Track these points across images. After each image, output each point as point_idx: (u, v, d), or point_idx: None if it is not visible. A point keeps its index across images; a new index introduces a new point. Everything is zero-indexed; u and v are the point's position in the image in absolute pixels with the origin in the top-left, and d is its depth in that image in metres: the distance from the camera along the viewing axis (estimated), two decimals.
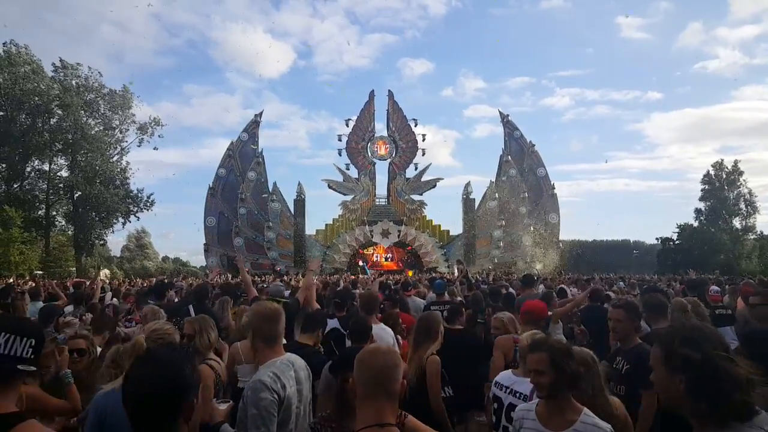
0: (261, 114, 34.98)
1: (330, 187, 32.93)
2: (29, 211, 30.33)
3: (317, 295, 5.91)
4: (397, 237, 31.63)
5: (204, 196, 32.72)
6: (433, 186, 33.68)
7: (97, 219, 33.02)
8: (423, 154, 33.53)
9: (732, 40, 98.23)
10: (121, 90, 33.77)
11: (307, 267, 6.16)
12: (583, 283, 10.25)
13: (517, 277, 15.32)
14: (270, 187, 32.84)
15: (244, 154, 33.33)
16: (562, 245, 33.13)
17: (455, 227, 34.12)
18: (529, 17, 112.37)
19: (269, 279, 17.68)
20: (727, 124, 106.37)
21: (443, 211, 61.14)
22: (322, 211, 70.89)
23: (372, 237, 31.73)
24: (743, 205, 42.42)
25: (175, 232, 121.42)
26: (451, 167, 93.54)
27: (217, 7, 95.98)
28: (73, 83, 31.93)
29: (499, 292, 7.00)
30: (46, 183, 32.48)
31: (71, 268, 32.17)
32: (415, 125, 33.93)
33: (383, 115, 34.20)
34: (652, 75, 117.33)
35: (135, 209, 35.11)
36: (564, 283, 11.37)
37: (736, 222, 42.21)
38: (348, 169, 32.95)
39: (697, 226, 41.43)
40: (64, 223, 34.80)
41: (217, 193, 32.50)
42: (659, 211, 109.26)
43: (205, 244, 32.07)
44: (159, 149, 38.75)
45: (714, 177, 42.98)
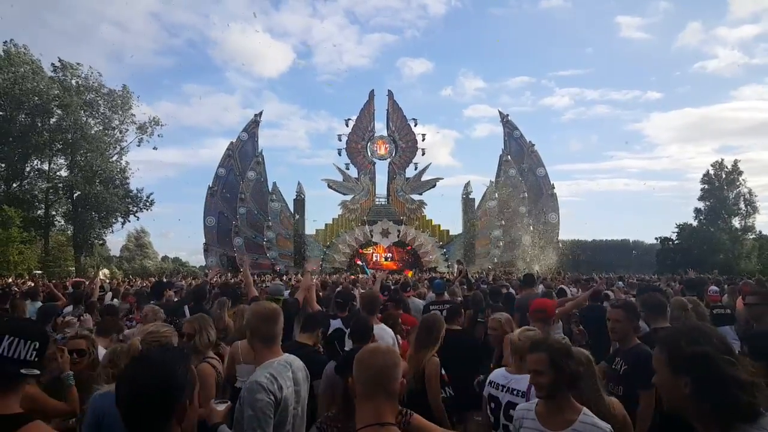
0: (261, 114, 35.06)
1: (330, 186, 32.90)
2: (28, 210, 30.25)
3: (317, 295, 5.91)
4: (397, 237, 31.61)
5: (203, 195, 32.78)
6: (433, 186, 33.65)
7: (96, 219, 32.99)
8: (423, 154, 33.56)
9: (731, 39, 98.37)
10: (121, 90, 33.77)
11: (304, 269, 6.16)
12: (583, 283, 10.21)
13: (516, 276, 15.31)
14: (270, 187, 32.84)
15: (244, 153, 33.31)
16: (561, 245, 33.15)
17: (455, 227, 34.21)
18: (529, 17, 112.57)
19: (269, 278, 17.68)
20: (726, 123, 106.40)
21: (443, 210, 61.31)
22: (322, 211, 71.08)
23: (372, 237, 31.71)
24: (743, 204, 42.42)
25: (174, 231, 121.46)
26: (450, 167, 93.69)
27: (217, 7, 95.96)
28: (72, 83, 31.86)
29: (499, 292, 7.00)
30: (45, 183, 32.39)
31: (70, 268, 32.11)
32: (415, 125, 33.94)
33: (383, 114, 34.24)
34: (651, 75, 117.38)
35: (134, 209, 35.10)
36: (563, 283, 11.34)
37: (736, 222, 42.20)
38: (348, 169, 32.95)
39: (696, 226, 41.37)
40: (63, 223, 34.76)
41: (217, 193, 32.49)
42: (658, 210, 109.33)
43: (204, 244, 32.10)
44: (158, 149, 38.74)
45: (714, 177, 42.92)
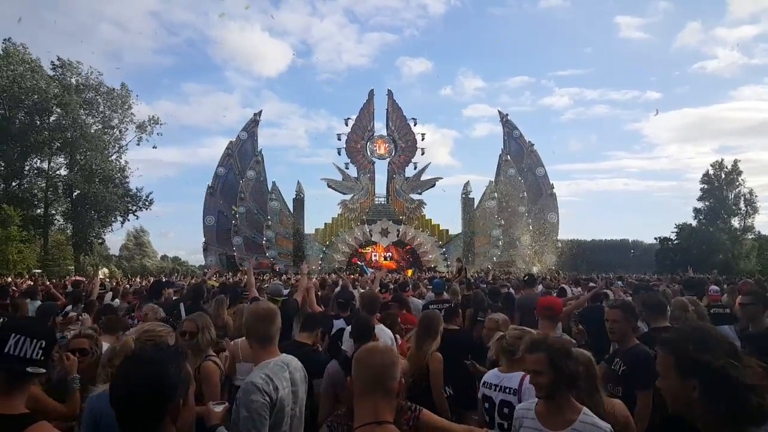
0: (260, 113, 35.10)
1: (329, 186, 32.90)
2: (28, 209, 30.20)
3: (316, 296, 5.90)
4: (396, 236, 31.62)
5: (203, 195, 32.78)
6: (432, 185, 33.69)
7: (95, 218, 32.96)
8: (422, 154, 33.61)
9: (731, 40, 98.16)
10: (120, 89, 33.75)
11: (300, 271, 6.15)
12: (583, 283, 10.21)
13: (516, 276, 15.33)
14: (269, 186, 32.83)
15: (243, 153, 33.31)
16: (560, 245, 33.18)
17: (454, 226, 34.27)
18: (529, 17, 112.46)
19: (268, 278, 17.68)
20: (725, 124, 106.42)
21: (442, 210, 61.39)
22: (322, 210, 71.03)
23: (371, 236, 31.72)
24: (742, 204, 42.48)
25: (174, 231, 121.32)
26: (450, 166, 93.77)
27: (217, 7, 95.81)
28: (72, 81, 31.82)
29: (498, 292, 7.00)
30: (44, 181, 32.37)
31: (70, 267, 32.07)
32: (415, 124, 33.98)
33: (382, 114, 34.31)
34: (651, 75, 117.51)
35: (134, 208, 35.09)
36: (563, 283, 11.35)
37: (735, 222, 42.30)
38: (347, 168, 32.96)
39: (695, 226, 41.43)
40: (62, 222, 34.71)
41: (216, 192, 32.51)
42: (658, 210, 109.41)
43: (204, 243, 32.07)
44: (158, 148, 38.77)
45: (713, 177, 42.98)
